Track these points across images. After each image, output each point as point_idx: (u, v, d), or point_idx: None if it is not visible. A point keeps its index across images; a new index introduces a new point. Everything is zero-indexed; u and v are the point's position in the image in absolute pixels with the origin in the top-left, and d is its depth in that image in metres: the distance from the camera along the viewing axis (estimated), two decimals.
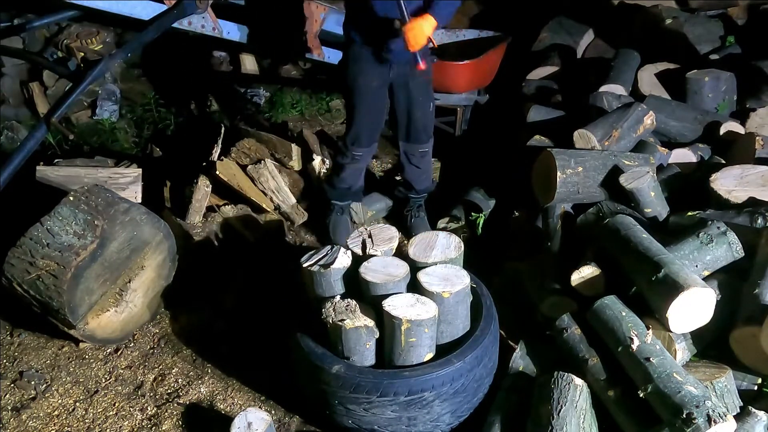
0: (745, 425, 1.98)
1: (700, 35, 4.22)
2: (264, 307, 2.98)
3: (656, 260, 2.24)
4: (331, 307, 2.14)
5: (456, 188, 3.71)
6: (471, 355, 2.19)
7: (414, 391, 2.12)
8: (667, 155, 3.16)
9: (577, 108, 3.63)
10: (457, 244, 2.35)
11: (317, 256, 2.28)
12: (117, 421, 2.50)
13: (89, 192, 2.69)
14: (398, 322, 2.06)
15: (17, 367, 2.75)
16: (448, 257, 2.29)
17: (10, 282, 2.60)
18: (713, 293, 2.18)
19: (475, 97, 4.45)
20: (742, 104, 3.65)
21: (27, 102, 4.85)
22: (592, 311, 2.31)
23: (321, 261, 2.25)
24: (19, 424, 2.49)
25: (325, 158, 3.76)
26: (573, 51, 4.69)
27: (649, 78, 3.90)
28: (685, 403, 1.88)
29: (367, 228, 2.46)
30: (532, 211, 3.11)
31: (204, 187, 3.28)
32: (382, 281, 2.18)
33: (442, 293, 2.12)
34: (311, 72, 5.28)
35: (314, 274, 2.23)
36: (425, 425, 2.22)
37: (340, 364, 2.17)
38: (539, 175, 2.99)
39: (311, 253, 2.31)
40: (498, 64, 4.49)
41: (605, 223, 2.57)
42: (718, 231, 2.38)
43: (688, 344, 2.27)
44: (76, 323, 2.61)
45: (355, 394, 2.14)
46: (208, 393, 2.61)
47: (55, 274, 2.51)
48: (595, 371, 2.19)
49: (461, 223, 3.50)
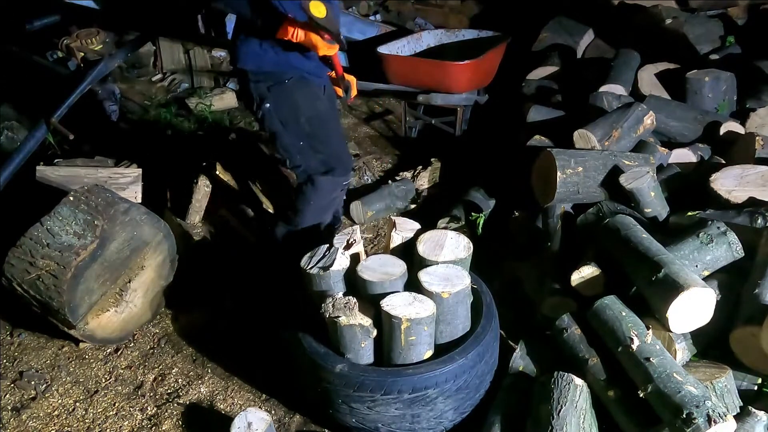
0: (745, 425, 1.98)
1: (700, 35, 4.23)
2: (264, 307, 2.98)
3: (656, 260, 2.24)
4: (330, 303, 2.14)
5: (456, 188, 3.71)
6: (473, 352, 2.19)
7: (418, 389, 2.12)
8: (667, 155, 3.16)
9: (577, 108, 3.63)
10: (466, 244, 2.33)
11: (316, 257, 2.28)
12: (117, 421, 2.50)
13: (89, 192, 2.69)
14: (398, 322, 2.06)
15: (17, 367, 2.75)
16: (458, 257, 2.27)
17: (10, 282, 2.60)
18: (713, 293, 2.18)
19: (475, 97, 4.45)
20: (742, 104, 3.65)
21: None
22: (592, 311, 2.31)
23: (320, 263, 2.25)
24: (19, 424, 2.49)
25: None
26: (573, 51, 4.69)
27: (649, 78, 3.90)
28: (685, 403, 1.88)
29: (354, 229, 2.45)
30: (532, 211, 3.10)
31: (204, 187, 3.28)
32: (378, 280, 2.18)
33: (441, 293, 2.12)
34: None
35: (313, 276, 2.23)
36: (428, 422, 2.22)
37: (344, 363, 2.17)
38: (539, 175, 2.99)
39: (309, 254, 2.31)
40: (498, 64, 4.49)
41: (605, 223, 2.57)
42: (718, 231, 2.38)
43: (688, 344, 2.27)
44: (76, 323, 2.61)
45: (359, 392, 2.14)
46: (208, 393, 2.61)
47: (55, 274, 2.52)
48: (595, 371, 2.19)
49: (461, 223, 3.50)
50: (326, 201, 2.85)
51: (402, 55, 4.54)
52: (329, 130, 2.77)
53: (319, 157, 2.74)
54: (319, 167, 2.75)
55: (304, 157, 2.73)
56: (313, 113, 2.68)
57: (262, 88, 2.64)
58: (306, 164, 2.74)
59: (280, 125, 2.68)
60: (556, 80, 4.32)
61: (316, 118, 2.69)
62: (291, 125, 2.67)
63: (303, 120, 2.67)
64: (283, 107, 2.65)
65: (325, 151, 2.74)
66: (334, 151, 2.78)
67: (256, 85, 2.64)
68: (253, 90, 2.65)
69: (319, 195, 2.80)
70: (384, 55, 4.37)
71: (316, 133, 2.70)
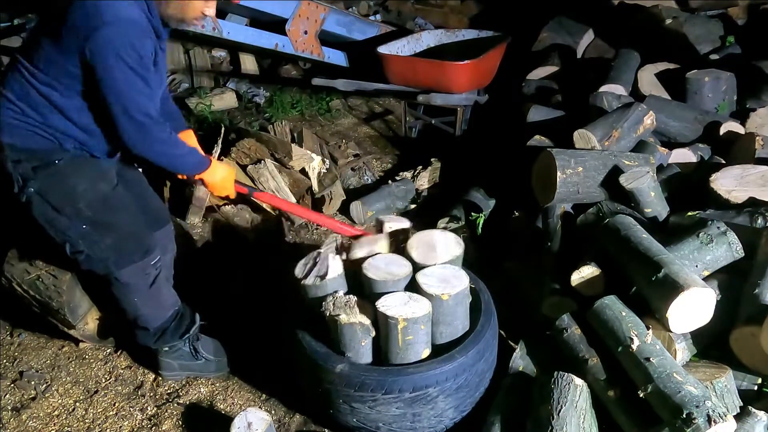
0: (745, 425, 1.98)
1: (700, 35, 4.23)
2: (264, 307, 2.97)
3: (656, 260, 2.24)
4: (331, 301, 2.14)
5: (456, 188, 3.71)
6: (473, 350, 2.20)
7: (418, 388, 2.13)
8: (667, 155, 3.16)
9: (577, 108, 3.63)
10: (454, 239, 2.34)
11: (309, 265, 2.28)
12: (117, 421, 2.50)
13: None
14: (394, 322, 2.05)
15: (17, 367, 2.75)
16: (454, 255, 2.28)
17: (10, 282, 2.60)
18: (713, 293, 2.18)
19: (475, 97, 4.46)
20: (742, 104, 3.65)
21: None
22: (592, 311, 2.31)
23: (314, 271, 2.24)
24: (19, 424, 2.49)
25: (325, 158, 3.76)
26: (573, 51, 4.70)
27: (649, 78, 3.90)
28: (685, 403, 1.88)
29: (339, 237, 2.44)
30: (532, 211, 3.10)
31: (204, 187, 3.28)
32: (381, 279, 2.18)
33: (441, 295, 2.11)
34: (311, 72, 5.29)
35: (310, 287, 2.23)
36: (429, 421, 2.22)
37: (344, 363, 2.17)
38: (539, 175, 2.99)
39: (302, 261, 2.30)
40: (498, 64, 4.50)
41: (605, 223, 2.57)
42: (718, 231, 2.38)
43: (688, 344, 2.27)
44: (76, 323, 2.61)
45: (360, 392, 2.14)
46: (208, 393, 2.61)
47: (55, 274, 2.52)
48: (595, 371, 2.19)
49: (461, 223, 3.51)
50: (146, 291, 2.39)
51: (402, 55, 4.54)
52: (115, 211, 2.29)
53: (110, 244, 2.27)
54: (110, 255, 2.27)
55: (87, 242, 2.25)
56: (95, 196, 2.23)
57: (25, 168, 2.15)
58: (91, 250, 2.26)
59: (53, 211, 2.20)
60: (556, 80, 4.33)
61: (99, 200, 2.24)
62: (68, 210, 2.21)
63: (83, 204, 2.21)
64: (55, 192, 2.19)
65: (113, 236, 2.27)
66: (125, 233, 2.30)
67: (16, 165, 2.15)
68: (12, 170, 2.16)
69: (135, 291, 2.37)
70: (384, 55, 4.37)
71: (101, 217, 2.25)
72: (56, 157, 2.17)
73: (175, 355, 2.60)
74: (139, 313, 2.43)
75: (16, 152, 2.14)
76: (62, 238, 2.25)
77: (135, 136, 2.10)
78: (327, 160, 3.75)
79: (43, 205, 2.19)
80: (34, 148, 2.15)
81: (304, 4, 4.54)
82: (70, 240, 2.24)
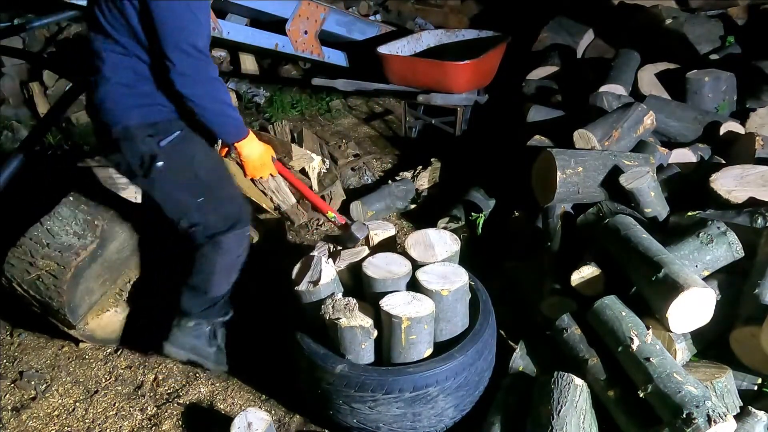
0: (745, 425, 1.98)
1: (700, 35, 4.23)
2: (264, 307, 2.97)
3: (656, 260, 2.24)
4: (330, 304, 2.14)
5: (456, 188, 3.71)
6: (472, 349, 2.20)
7: (418, 387, 2.13)
8: (667, 155, 3.16)
9: (577, 108, 3.63)
10: (450, 236, 2.39)
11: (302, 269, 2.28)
12: (117, 421, 2.50)
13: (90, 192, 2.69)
14: (398, 321, 2.06)
15: (17, 367, 2.75)
16: (452, 251, 2.30)
17: (10, 282, 2.60)
18: (713, 293, 2.18)
19: (475, 97, 4.46)
20: (742, 104, 3.65)
21: (27, 102, 4.86)
22: (592, 311, 2.31)
23: (307, 277, 2.24)
24: (19, 424, 2.49)
25: (325, 158, 3.76)
26: (573, 51, 4.70)
27: (649, 78, 3.90)
28: (685, 403, 1.88)
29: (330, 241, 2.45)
30: (532, 211, 3.11)
31: None
32: (381, 277, 2.19)
33: (441, 291, 2.13)
34: (311, 72, 5.29)
35: (303, 293, 2.23)
36: (429, 420, 2.23)
37: (344, 363, 2.18)
38: (539, 175, 2.99)
39: (297, 267, 2.30)
40: (498, 64, 4.50)
41: (605, 223, 2.57)
42: (718, 231, 2.38)
43: (688, 344, 2.27)
44: (76, 323, 2.61)
45: (360, 392, 2.14)
46: (208, 393, 2.61)
47: (55, 274, 2.52)
48: (595, 371, 2.19)
49: (461, 223, 3.51)
50: (233, 260, 2.46)
51: (402, 55, 4.54)
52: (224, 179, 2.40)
53: (222, 212, 2.35)
54: (219, 224, 2.35)
55: (202, 214, 2.32)
56: (210, 164, 2.34)
57: (152, 144, 2.20)
58: (205, 221, 2.34)
59: (175, 184, 2.27)
60: (556, 80, 4.33)
61: (213, 170, 2.34)
62: (187, 182, 2.28)
63: (202, 173, 2.29)
64: (177, 163, 2.25)
65: (224, 204, 2.37)
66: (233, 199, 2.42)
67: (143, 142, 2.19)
68: (138, 148, 2.20)
69: (226, 256, 2.41)
70: (384, 55, 4.37)
71: (215, 185, 2.34)
72: (176, 128, 2.20)
73: (196, 333, 2.55)
74: (213, 278, 2.43)
75: (144, 129, 2.17)
76: (179, 213, 2.31)
77: (187, 70, 2.05)
78: (327, 160, 3.75)
79: (167, 179, 2.24)
80: (157, 120, 2.18)
81: (304, 4, 4.54)
82: (187, 214, 2.31)
